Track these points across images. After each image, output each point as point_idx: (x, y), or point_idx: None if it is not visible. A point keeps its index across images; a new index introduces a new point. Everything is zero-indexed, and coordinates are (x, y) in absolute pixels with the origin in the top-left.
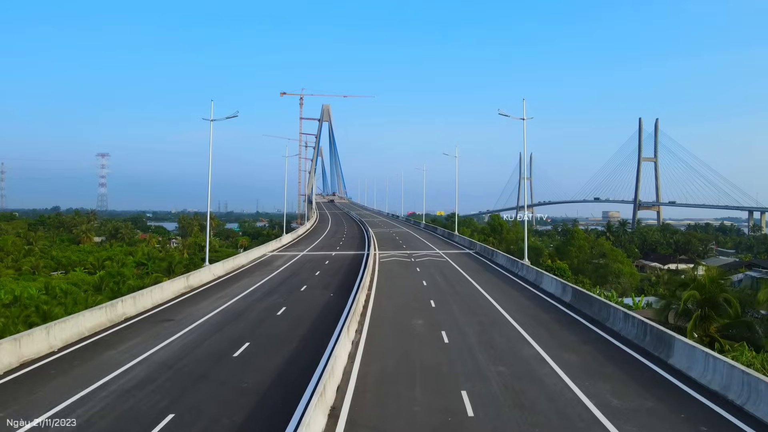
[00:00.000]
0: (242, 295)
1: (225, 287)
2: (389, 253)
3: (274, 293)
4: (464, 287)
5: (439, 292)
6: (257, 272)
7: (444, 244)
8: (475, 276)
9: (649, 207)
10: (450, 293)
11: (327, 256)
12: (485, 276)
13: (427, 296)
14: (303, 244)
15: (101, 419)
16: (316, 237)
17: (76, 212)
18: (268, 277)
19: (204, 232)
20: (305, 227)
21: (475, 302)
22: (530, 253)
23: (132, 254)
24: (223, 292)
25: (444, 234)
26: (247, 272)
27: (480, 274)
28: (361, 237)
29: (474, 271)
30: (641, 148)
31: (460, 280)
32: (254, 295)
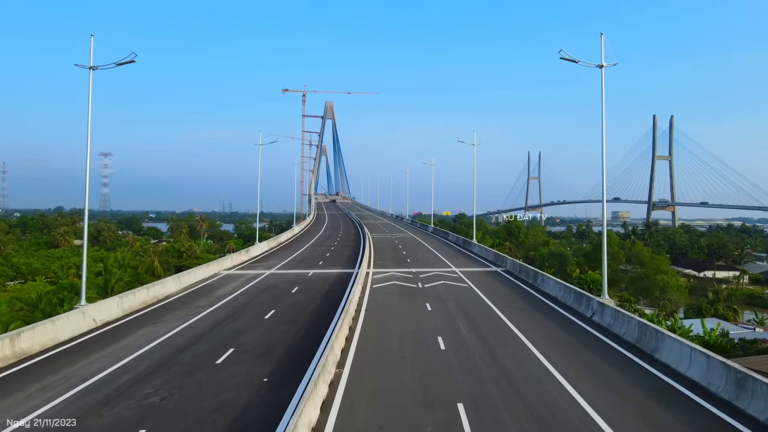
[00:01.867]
0: (64, 398)
1: (71, 363)
2: (387, 273)
3: (143, 383)
4: (511, 353)
5: (470, 369)
6: (175, 313)
7: (460, 256)
8: (520, 322)
9: (663, 207)
10: (490, 372)
11: (300, 278)
12: (537, 323)
13: (449, 383)
14: (278, 256)
15: None
16: (301, 245)
17: (62, 213)
18: (179, 326)
19: (201, 233)
20: (293, 231)
21: (545, 400)
22: (554, 261)
23: (103, 260)
24: (51, 379)
25: (458, 242)
26: (158, 313)
27: (527, 317)
28: (355, 245)
29: (516, 311)
30: (655, 146)
31: (498, 332)
32: (88, 398)
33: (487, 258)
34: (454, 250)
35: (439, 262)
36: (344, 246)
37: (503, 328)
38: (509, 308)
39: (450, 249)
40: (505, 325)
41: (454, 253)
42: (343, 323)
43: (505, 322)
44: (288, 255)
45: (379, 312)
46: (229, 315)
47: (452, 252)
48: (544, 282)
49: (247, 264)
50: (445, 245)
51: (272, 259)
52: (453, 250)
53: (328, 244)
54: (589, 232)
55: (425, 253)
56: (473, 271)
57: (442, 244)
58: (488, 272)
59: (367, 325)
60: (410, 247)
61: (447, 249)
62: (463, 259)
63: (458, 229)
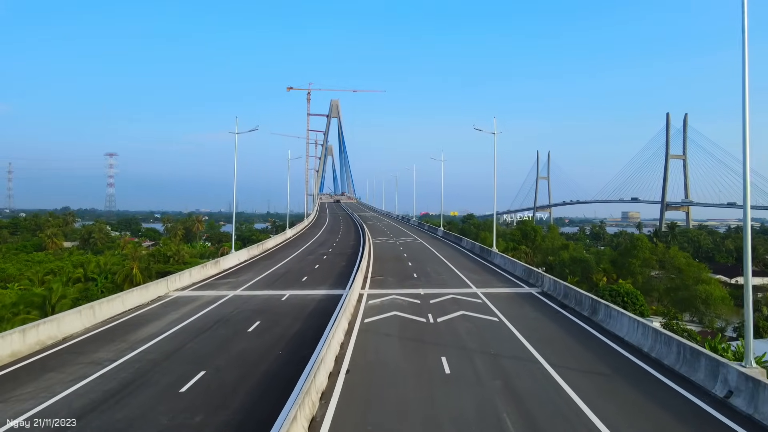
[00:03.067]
0: None
1: None
2: (387, 297)
3: None
4: None
5: None
6: (68, 366)
7: (479, 269)
8: (607, 408)
9: (677, 207)
10: None
11: (269, 305)
12: (638, 413)
13: None
14: (255, 269)
15: None
16: (289, 252)
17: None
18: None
19: (198, 235)
20: (285, 235)
21: None
22: (576, 267)
23: (84, 266)
24: None
25: (474, 249)
26: (43, 366)
27: (612, 393)
28: (353, 253)
29: (588, 378)
30: (669, 145)
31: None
32: None
33: (515, 273)
34: (470, 260)
35: (455, 279)
36: (339, 254)
37: (581, 426)
38: (574, 371)
39: (466, 259)
40: (582, 418)
41: (471, 265)
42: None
43: (580, 410)
44: (268, 267)
45: (366, 381)
46: (123, 386)
47: (469, 264)
48: (612, 319)
49: (212, 281)
50: (459, 254)
51: (246, 273)
52: (469, 260)
53: (321, 252)
54: (603, 234)
55: (436, 266)
56: (500, 294)
57: (456, 253)
58: (520, 296)
59: (341, 416)
60: (417, 257)
61: (462, 259)
62: (484, 274)
63: (467, 231)
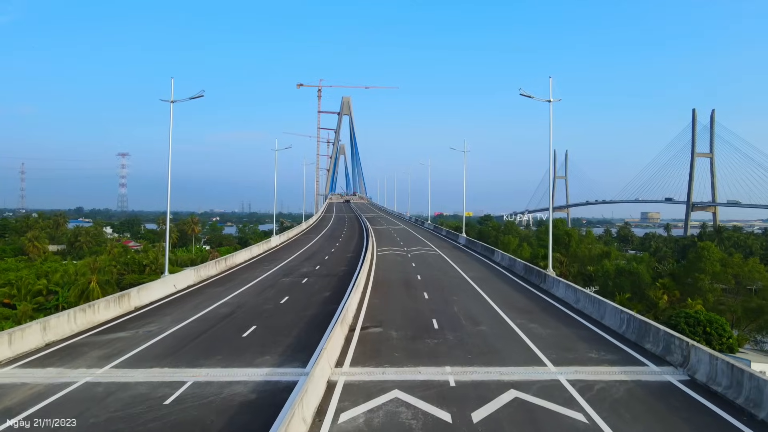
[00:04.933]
0: None
1: None
2: (382, 389)
3: None
4: None
5: None
6: None
7: (539, 311)
8: None
9: (704, 208)
10: None
11: (140, 412)
12: None
13: None
14: (184, 307)
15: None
16: (257, 273)
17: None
18: None
19: (193, 237)
20: (269, 244)
21: None
22: (624, 281)
23: (48, 276)
24: None
25: (515, 269)
26: None
27: None
28: (346, 273)
29: None
30: (695, 143)
31: None
32: None
33: (614, 328)
34: (517, 289)
35: (506, 337)
36: (327, 275)
37: None
38: None
39: (509, 287)
40: None
41: (523, 301)
42: None
43: None
44: (205, 304)
45: None
46: None
47: (519, 298)
48: None
49: (87, 336)
50: (496, 276)
51: (162, 316)
52: (515, 289)
53: (304, 271)
54: (630, 236)
55: (467, 300)
56: (607, 387)
57: (491, 273)
58: (654, 395)
59: None
60: (437, 281)
61: (504, 287)
62: (552, 323)
63: (486, 234)
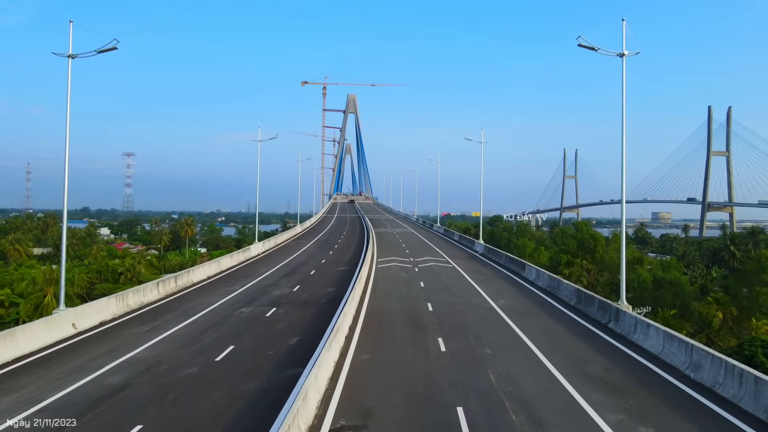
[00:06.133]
0: None
1: None
2: None
3: None
4: None
5: None
6: None
7: (628, 380)
8: None
9: (719, 208)
10: None
11: None
12: None
13: None
14: (84, 356)
15: None
16: (222, 293)
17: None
18: None
19: (186, 240)
20: (248, 253)
21: None
22: (666, 293)
23: (13, 285)
24: None
25: (566, 293)
26: None
27: None
28: (331, 300)
29: None
30: (711, 141)
31: None
32: None
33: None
34: (575, 329)
35: None
36: (299, 308)
37: None
38: None
39: (562, 324)
40: None
41: (600, 362)
42: None
43: None
44: (77, 373)
45: None
46: None
47: (584, 348)
48: None
49: None
50: (536, 302)
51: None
52: (573, 329)
53: (268, 300)
54: (649, 238)
55: (510, 358)
56: None
57: (529, 298)
58: None
59: None
60: (459, 320)
61: (554, 324)
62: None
63: (498, 236)
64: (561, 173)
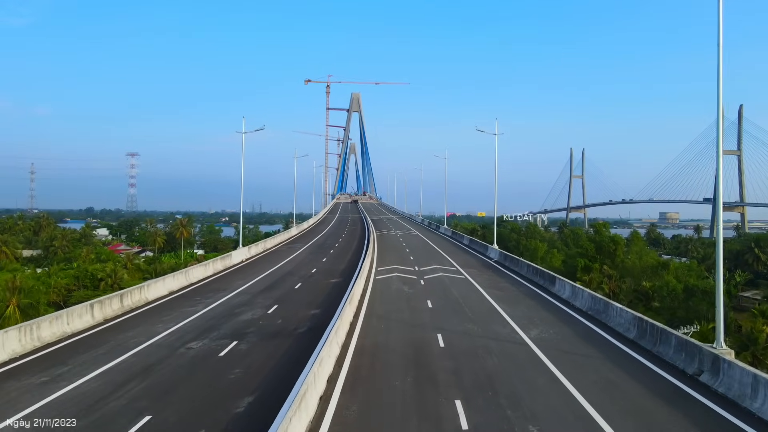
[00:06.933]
0: None
1: None
2: None
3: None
4: None
5: None
6: None
7: None
8: None
9: (731, 208)
10: None
11: None
12: None
13: None
14: None
15: None
16: (176, 317)
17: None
18: None
19: (182, 242)
20: (230, 260)
21: None
22: (700, 304)
23: None
24: None
25: (618, 322)
26: None
27: None
28: (313, 327)
29: None
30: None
31: None
32: None
33: None
34: (655, 388)
35: None
36: (269, 340)
37: None
38: None
39: (633, 377)
40: None
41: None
42: None
43: None
44: None
45: None
46: None
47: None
48: None
49: None
50: (583, 336)
51: None
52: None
53: (231, 329)
54: (662, 239)
55: None
56: None
57: (570, 328)
58: None
59: None
60: (483, 364)
61: (622, 377)
62: None
63: (506, 238)
64: (567, 173)
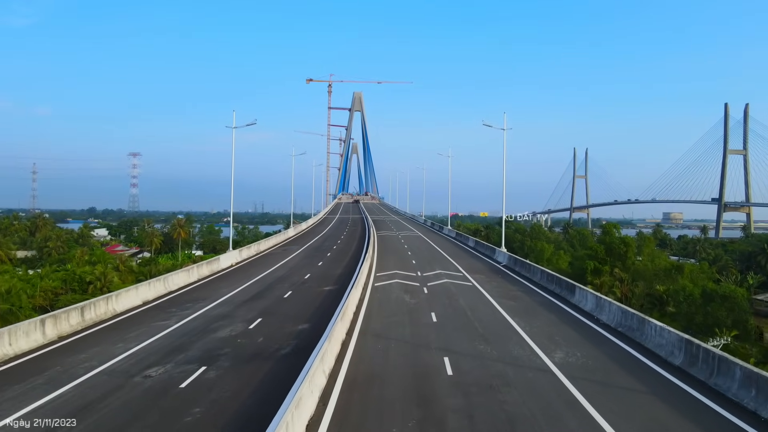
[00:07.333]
0: None
1: None
2: None
3: None
4: None
5: None
6: None
7: None
8: None
9: (736, 208)
10: None
11: None
12: None
13: None
14: None
15: None
16: (132, 340)
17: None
18: None
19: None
20: (213, 266)
21: None
22: (720, 311)
23: None
24: None
25: (659, 344)
26: None
27: None
28: (299, 347)
29: None
30: (727, 139)
31: None
32: None
33: None
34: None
35: None
36: (242, 367)
37: None
38: None
39: (675, 408)
40: None
41: None
42: None
43: None
44: None
45: None
46: None
47: None
48: None
49: None
50: (621, 364)
51: None
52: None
53: (198, 355)
54: (668, 240)
55: None
56: None
57: (604, 352)
58: None
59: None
60: (502, 406)
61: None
62: None
63: (511, 239)
64: (570, 173)
